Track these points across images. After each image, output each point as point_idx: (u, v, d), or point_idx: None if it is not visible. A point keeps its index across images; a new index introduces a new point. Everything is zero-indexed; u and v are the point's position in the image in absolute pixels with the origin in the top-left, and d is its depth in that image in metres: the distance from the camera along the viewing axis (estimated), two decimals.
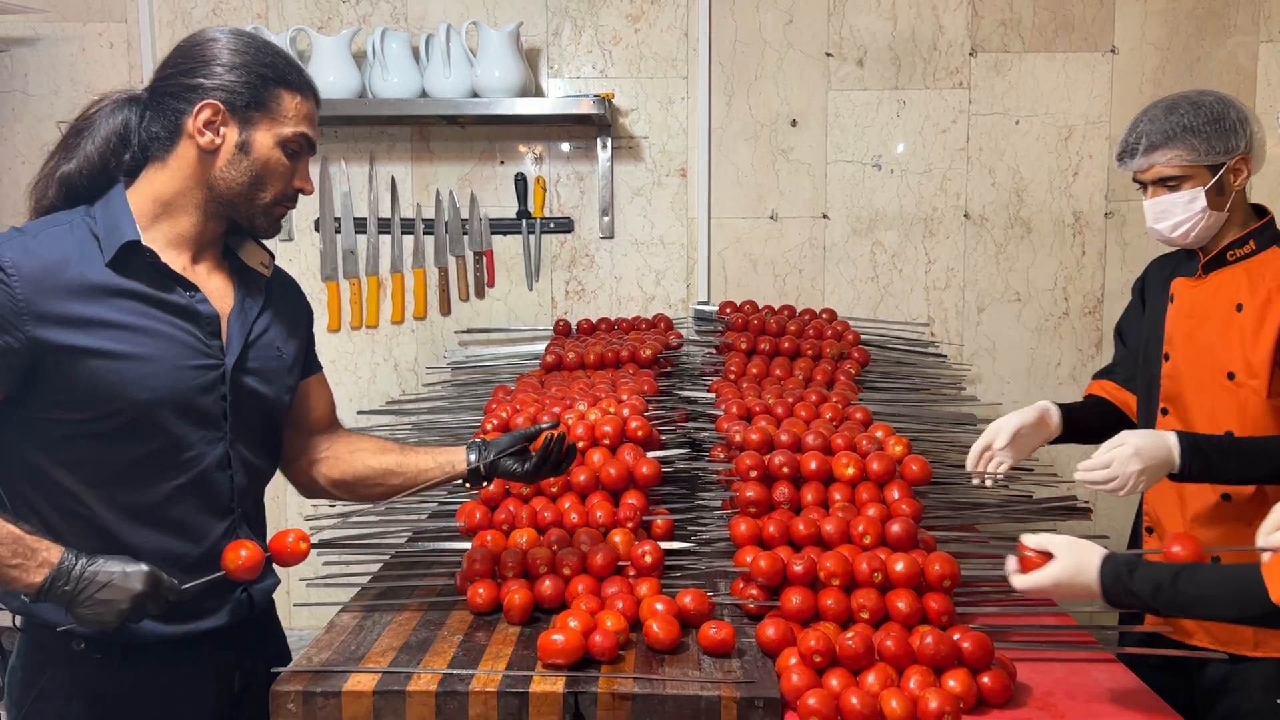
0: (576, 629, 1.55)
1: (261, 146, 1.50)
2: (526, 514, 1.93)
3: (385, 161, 3.11)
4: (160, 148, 1.50)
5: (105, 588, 1.34)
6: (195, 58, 1.49)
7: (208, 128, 1.48)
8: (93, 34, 3.07)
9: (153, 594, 1.36)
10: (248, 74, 1.48)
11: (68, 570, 1.34)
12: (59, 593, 1.34)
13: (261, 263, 1.64)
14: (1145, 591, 1.40)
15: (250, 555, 1.47)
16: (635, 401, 2.17)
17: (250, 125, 1.49)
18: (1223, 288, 1.91)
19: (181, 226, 1.51)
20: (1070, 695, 1.53)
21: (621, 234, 3.11)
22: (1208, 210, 1.87)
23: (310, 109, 1.55)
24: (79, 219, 1.47)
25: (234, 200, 1.51)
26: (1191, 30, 2.99)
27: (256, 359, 1.58)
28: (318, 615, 1.89)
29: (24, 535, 1.34)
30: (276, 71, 1.51)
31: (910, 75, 3.04)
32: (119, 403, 1.42)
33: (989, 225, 3.08)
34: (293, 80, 1.52)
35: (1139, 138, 1.90)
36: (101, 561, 1.36)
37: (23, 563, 1.33)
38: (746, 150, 3.07)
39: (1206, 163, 1.85)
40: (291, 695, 1.47)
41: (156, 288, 1.48)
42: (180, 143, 1.49)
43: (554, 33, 3.07)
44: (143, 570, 1.36)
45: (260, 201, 1.53)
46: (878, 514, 1.83)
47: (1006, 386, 3.12)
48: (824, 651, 1.52)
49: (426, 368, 3.12)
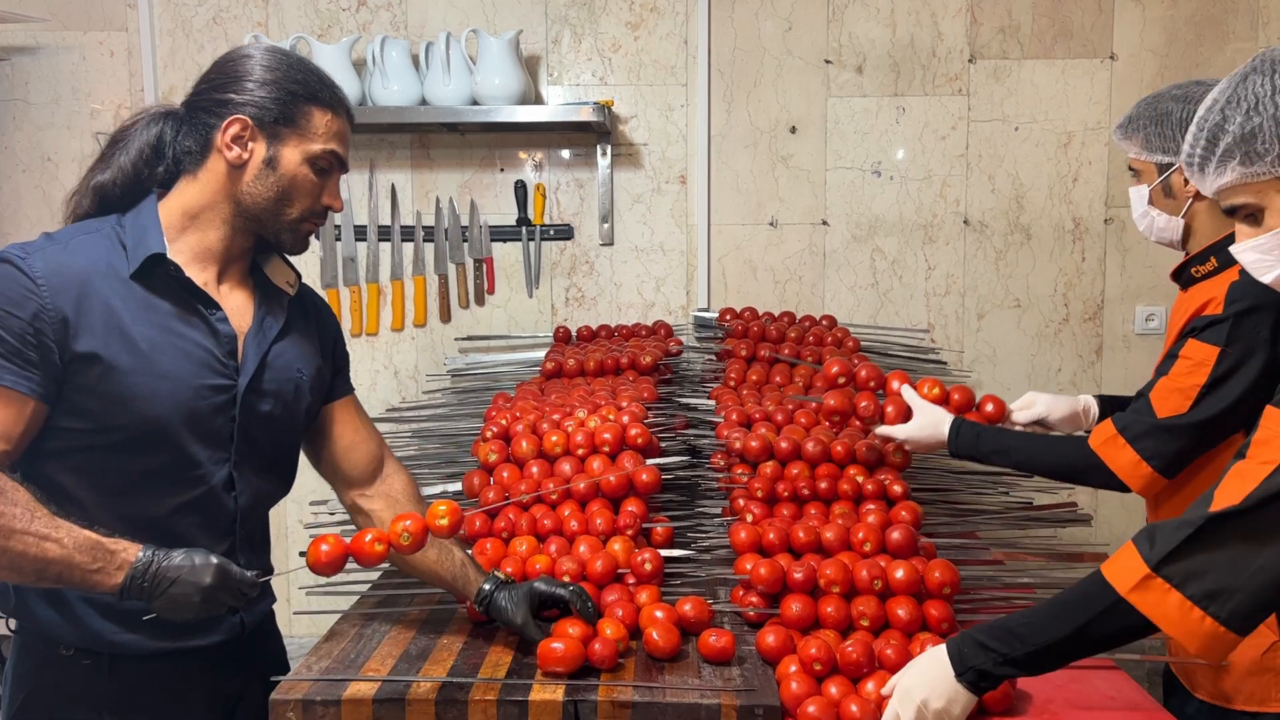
0: (576, 636, 1.55)
1: (289, 163, 1.50)
2: (526, 522, 1.93)
3: (385, 169, 3.11)
4: (192, 161, 1.51)
5: (175, 583, 1.34)
6: (229, 73, 1.50)
7: (235, 142, 1.48)
8: (93, 43, 3.07)
9: (223, 586, 1.37)
10: (278, 90, 1.48)
11: (143, 568, 1.34)
12: (138, 590, 1.35)
13: (287, 281, 1.63)
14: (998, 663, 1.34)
15: (332, 550, 1.43)
16: (635, 409, 2.17)
17: (278, 141, 1.49)
18: (1184, 305, 1.81)
19: (209, 240, 1.51)
20: (1071, 703, 1.52)
21: (621, 241, 3.11)
22: (1150, 207, 1.82)
23: (341, 126, 1.55)
24: (109, 228, 1.47)
25: (260, 215, 1.51)
26: (1190, 36, 3.00)
27: (272, 381, 1.56)
28: (319, 623, 1.88)
29: (102, 540, 1.34)
30: (307, 89, 1.51)
31: (909, 82, 3.05)
32: (132, 416, 1.42)
33: (989, 232, 3.08)
34: (324, 97, 1.52)
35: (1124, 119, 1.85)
36: (176, 556, 1.36)
37: (103, 566, 1.34)
38: (746, 157, 3.08)
39: (1153, 159, 1.79)
40: (291, 704, 1.47)
41: (178, 303, 1.48)
42: (210, 157, 1.49)
43: (554, 40, 3.07)
44: (212, 563, 1.36)
45: (287, 218, 1.52)
46: (878, 521, 1.83)
47: (1007, 393, 3.08)
48: (824, 659, 1.51)
49: (426, 375, 3.12)
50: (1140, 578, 1.24)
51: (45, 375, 1.38)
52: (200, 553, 1.37)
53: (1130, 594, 1.25)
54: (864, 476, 1.99)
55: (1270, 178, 1.23)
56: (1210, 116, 1.27)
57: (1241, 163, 1.23)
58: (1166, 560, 1.23)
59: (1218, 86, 1.28)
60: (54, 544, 1.31)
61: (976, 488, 2.22)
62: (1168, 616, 1.22)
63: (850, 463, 2.03)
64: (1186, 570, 1.22)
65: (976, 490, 2.21)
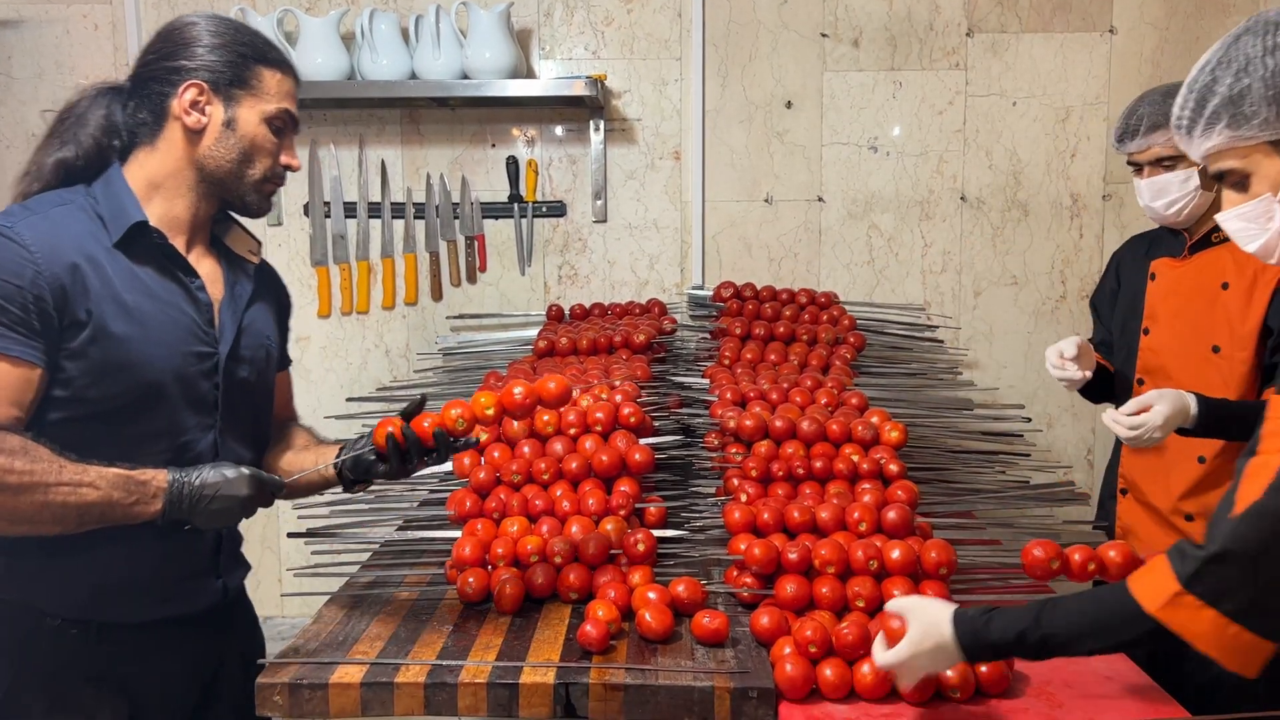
0: None
1: (248, 123, 1.52)
2: (518, 502, 1.91)
3: (375, 145, 3.07)
4: (147, 132, 1.52)
5: (215, 499, 1.42)
6: (176, 41, 1.52)
7: (194, 108, 1.50)
8: (77, 16, 3.02)
9: (259, 493, 1.45)
10: (229, 53, 1.51)
11: (178, 492, 1.40)
12: (178, 512, 1.41)
13: (249, 250, 1.66)
14: (1007, 641, 1.27)
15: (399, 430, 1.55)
16: (628, 387, 2.14)
17: (235, 103, 1.52)
18: (1207, 268, 2.02)
19: (176, 209, 1.53)
20: (1068, 683, 1.51)
21: (615, 218, 3.07)
22: (1199, 190, 1.99)
23: (291, 86, 1.58)
24: (81, 199, 1.48)
25: (224, 178, 1.53)
26: (1190, 10, 2.96)
27: (248, 348, 1.60)
28: (310, 605, 1.87)
29: (130, 473, 1.39)
30: (256, 50, 1.54)
31: (906, 56, 3.01)
32: (128, 382, 1.44)
33: (986, 208, 3.05)
34: (273, 57, 1.55)
35: (1139, 120, 2.02)
36: (205, 472, 1.42)
37: (139, 498, 1.39)
38: (741, 133, 3.04)
39: None
40: (278, 687, 1.45)
41: (161, 271, 1.50)
42: (167, 125, 1.52)
43: (545, 13, 3.02)
44: (244, 474, 1.44)
45: (250, 179, 1.55)
46: (873, 501, 1.81)
47: (1003, 370, 3.09)
48: (819, 641, 1.49)
49: (418, 354, 3.08)
50: (1171, 595, 1.17)
51: (48, 343, 1.39)
52: (227, 466, 1.45)
53: (1159, 612, 1.18)
54: (859, 456, 1.97)
55: (1257, 142, 1.19)
56: (1200, 78, 1.24)
57: (1229, 125, 1.20)
58: (1197, 577, 1.16)
59: (1211, 48, 1.24)
60: (89, 488, 1.36)
61: (974, 467, 2.20)
62: (1202, 635, 1.15)
63: (845, 442, 2.01)
64: (1219, 585, 1.15)
65: (973, 469, 2.20)
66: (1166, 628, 1.17)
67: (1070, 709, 1.44)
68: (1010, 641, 1.27)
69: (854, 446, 2.00)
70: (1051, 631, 1.25)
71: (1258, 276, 1.93)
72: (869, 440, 2.01)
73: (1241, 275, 1.96)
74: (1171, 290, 2.08)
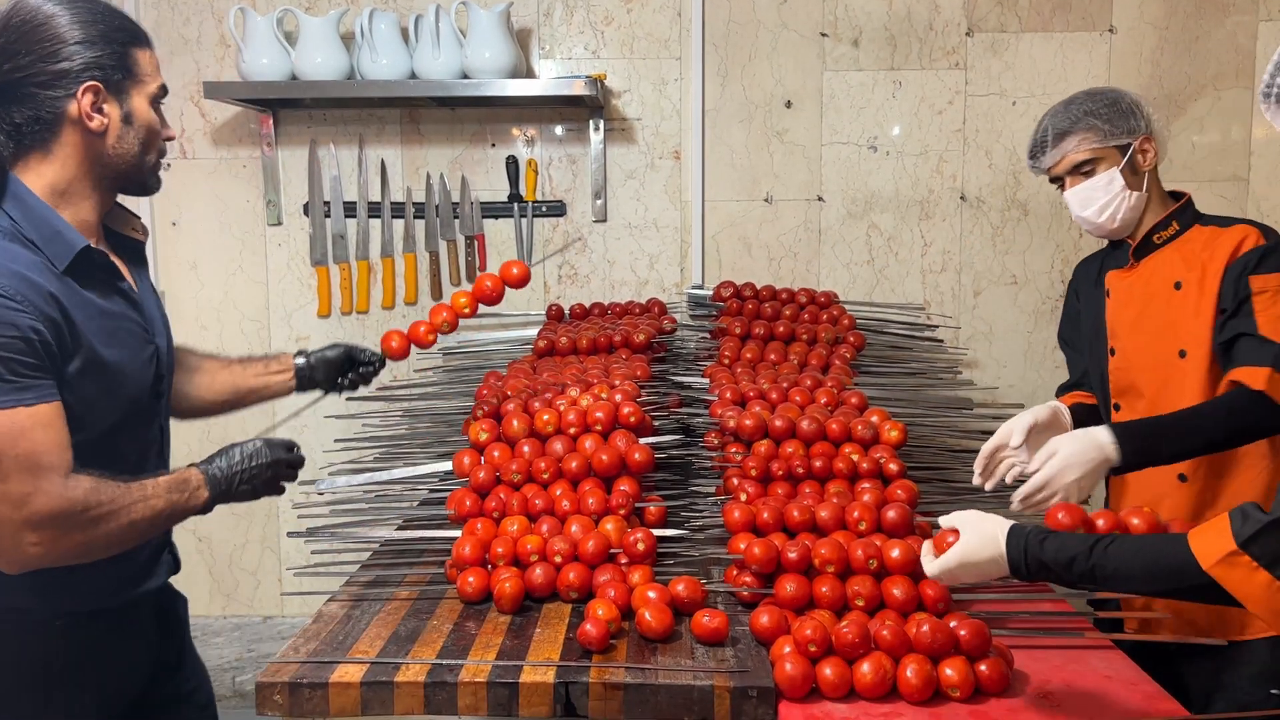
0: None
1: (141, 112, 1.51)
2: (517, 501, 1.91)
3: (375, 145, 3.07)
4: (37, 139, 1.44)
5: (252, 477, 1.56)
6: (43, 38, 1.42)
7: (95, 110, 1.45)
8: None
9: (282, 456, 1.60)
10: (108, 45, 1.46)
11: (216, 479, 1.52)
12: (223, 496, 1.53)
13: (133, 228, 1.65)
14: (1059, 563, 1.30)
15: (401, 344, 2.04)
16: (628, 387, 2.14)
17: (127, 95, 1.50)
18: (1157, 271, 1.96)
19: (83, 213, 1.50)
20: (1068, 683, 1.51)
21: (614, 217, 3.07)
22: (1126, 190, 1.93)
23: (155, 57, 1.56)
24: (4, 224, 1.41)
25: (128, 170, 1.53)
26: (1190, 9, 2.96)
27: (164, 326, 1.64)
28: (310, 604, 1.87)
29: (172, 477, 1.48)
30: (128, 34, 1.50)
31: (906, 56, 3.01)
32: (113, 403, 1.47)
33: (985, 208, 3.05)
34: (141, 36, 1.53)
35: (1044, 131, 1.97)
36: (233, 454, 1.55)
37: (189, 494, 1.49)
38: (740, 132, 3.04)
39: (1114, 144, 1.92)
40: (278, 687, 1.45)
41: (104, 287, 1.49)
42: (63, 129, 1.45)
43: (545, 13, 3.02)
44: (263, 447, 1.58)
45: (149, 164, 1.55)
46: (873, 500, 1.81)
47: (1003, 370, 3.09)
48: (819, 640, 1.49)
49: (417, 353, 3.08)
50: (1226, 553, 1.18)
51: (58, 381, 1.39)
52: (249, 443, 1.57)
53: (1214, 568, 1.19)
54: (859, 455, 1.97)
55: None
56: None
57: None
58: (1255, 539, 1.16)
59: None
60: (156, 499, 1.45)
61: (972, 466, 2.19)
62: (1253, 595, 1.17)
63: (845, 441, 2.01)
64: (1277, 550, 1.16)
65: (972, 468, 2.19)
66: (1219, 584, 1.19)
67: (1070, 709, 1.44)
68: (1061, 563, 1.30)
69: (854, 446, 2.00)
70: (1102, 564, 1.27)
71: (1206, 266, 1.87)
72: (868, 439, 2.01)
73: (1191, 269, 1.89)
74: (1125, 301, 2.00)
